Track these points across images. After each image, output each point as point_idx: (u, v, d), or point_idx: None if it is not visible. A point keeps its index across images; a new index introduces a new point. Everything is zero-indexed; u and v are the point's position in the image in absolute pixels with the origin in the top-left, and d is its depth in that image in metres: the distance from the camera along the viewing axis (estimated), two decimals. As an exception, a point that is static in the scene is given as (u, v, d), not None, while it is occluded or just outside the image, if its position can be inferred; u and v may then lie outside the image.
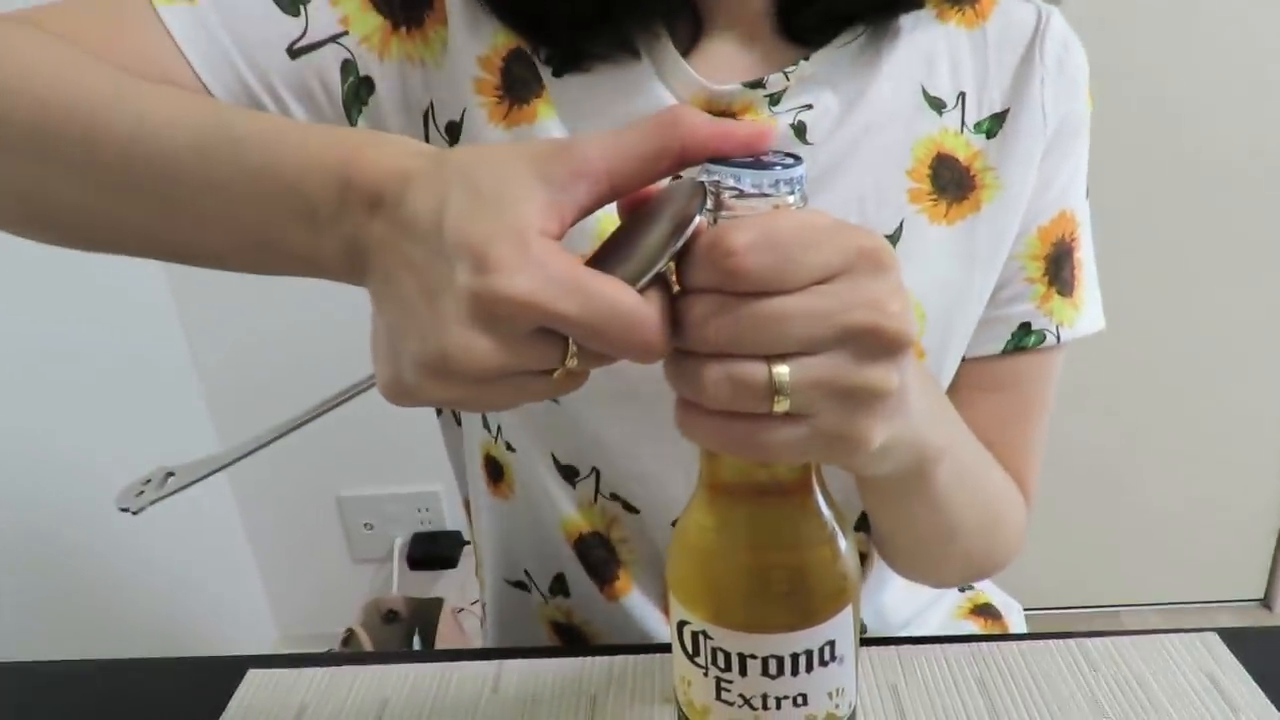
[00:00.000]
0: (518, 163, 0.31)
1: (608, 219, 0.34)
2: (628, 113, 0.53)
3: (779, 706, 0.35)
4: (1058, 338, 0.57)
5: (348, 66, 0.53)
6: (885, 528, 0.53)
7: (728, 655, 0.35)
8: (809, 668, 0.35)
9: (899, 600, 0.66)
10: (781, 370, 0.30)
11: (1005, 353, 0.57)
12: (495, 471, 0.64)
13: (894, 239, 0.53)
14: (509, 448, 0.61)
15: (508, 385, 0.31)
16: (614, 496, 0.59)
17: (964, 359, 0.58)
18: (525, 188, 0.30)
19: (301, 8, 0.51)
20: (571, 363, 0.31)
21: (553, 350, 0.30)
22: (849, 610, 0.35)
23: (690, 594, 0.36)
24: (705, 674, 0.36)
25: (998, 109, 0.55)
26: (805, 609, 0.35)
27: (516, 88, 0.53)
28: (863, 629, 0.65)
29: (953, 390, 0.58)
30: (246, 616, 1.65)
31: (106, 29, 0.48)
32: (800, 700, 0.35)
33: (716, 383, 0.30)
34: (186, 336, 1.48)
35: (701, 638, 0.35)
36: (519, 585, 0.67)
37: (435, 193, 0.31)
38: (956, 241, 0.54)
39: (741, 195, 0.31)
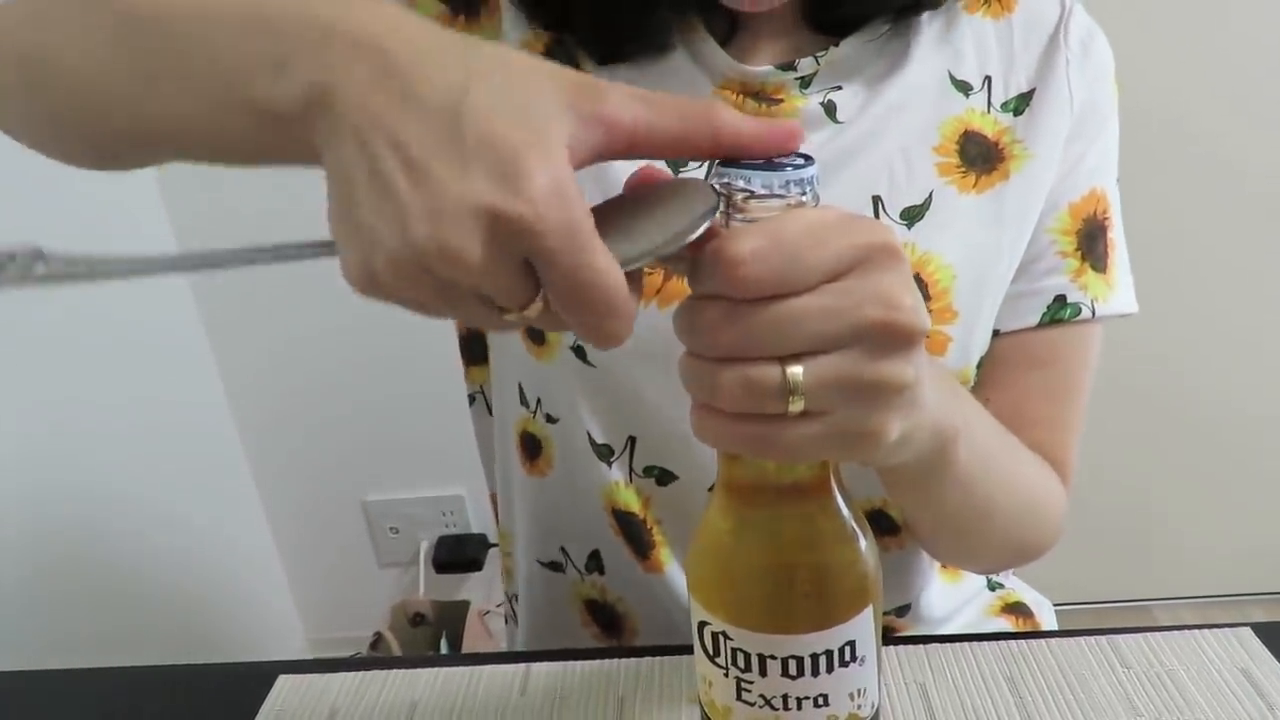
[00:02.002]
0: (548, 81, 0.30)
1: None
2: None
3: (800, 707, 0.36)
4: (1092, 312, 0.59)
5: None
6: (917, 514, 0.54)
7: (748, 656, 0.36)
8: (829, 668, 0.35)
9: (938, 597, 0.67)
10: (795, 370, 0.30)
11: (1042, 325, 0.59)
12: (533, 448, 0.65)
13: (924, 208, 0.55)
14: (549, 419, 0.62)
15: (466, 302, 0.30)
16: (648, 471, 0.60)
17: (1003, 333, 0.59)
18: (556, 108, 0.29)
19: None
20: (532, 311, 0.30)
21: (525, 287, 0.30)
22: (869, 611, 0.36)
23: (710, 595, 0.37)
24: (726, 674, 0.37)
25: (1024, 90, 0.58)
26: (825, 609, 0.35)
27: None
28: (894, 624, 0.66)
29: (992, 367, 0.60)
30: (274, 621, 1.68)
31: None
32: (821, 701, 0.36)
33: (730, 385, 0.31)
34: (205, 324, 1.51)
35: (722, 639, 0.36)
36: (552, 565, 0.68)
37: (458, 69, 0.29)
38: (985, 207, 0.56)
39: (753, 196, 0.31)
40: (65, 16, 0.40)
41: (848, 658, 0.35)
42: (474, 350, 0.71)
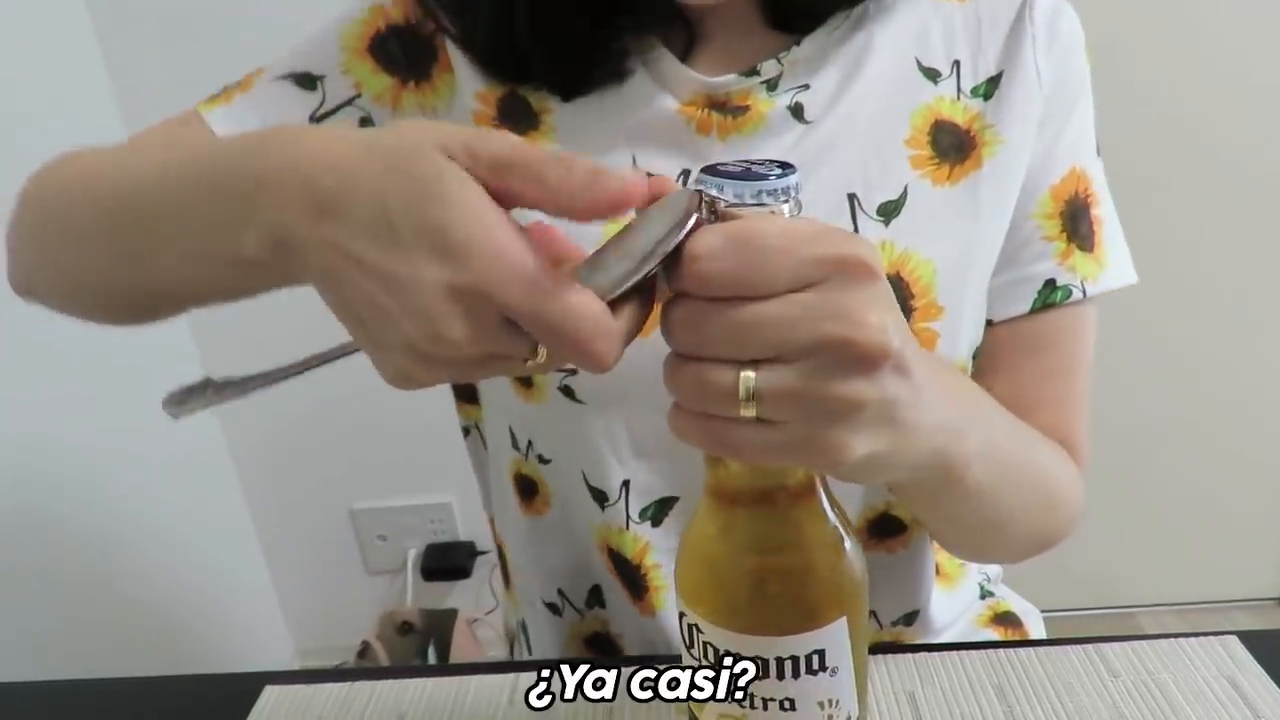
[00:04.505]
0: (435, 138, 0.33)
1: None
2: (633, 124, 0.57)
3: (765, 708, 0.37)
4: (1083, 292, 0.59)
5: (365, 123, 0.60)
6: (930, 525, 0.56)
7: (716, 651, 0.37)
8: (795, 674, 0.36)
9: (939, 605, 0.68)
10: (749, 376, 0.32)
11: (1034, 310, 0.59)
12: (528, 489, 0.66)
13: (899, 204, 0.56)
14: (542, 460, 0.63)
15: (491, 362, 0.34)
16: (644, 514, 0.61)
17: (997, 323, 0.60)
18: (449, 159, 0.32)
19: (318, 83, 0.60)
20: (540, 355, 0.33)
21: (520, 339, 0.33)
22: (843, 622, 0.37)
23: (686, 586, 0.39)
24: (699, 666, 0.38)
25: (993, 73, 0.58)
26: (791, 614, 0.36)
27: (511, 120, 0.58)
28: (902, 635, 0.66)
29: (991, 356, 0.61)
30: (262, 630, 1.69)
31: (167, 140, 0.59)
32: (788, 705, 0.37)
33: (689, 383, 0.33)
34: (191, 330, 1.52)
35: (695, 630, 0.38)
36: (550, 607, 0.69)
37: (371, 187, 0.32)
38: (960, 198, 0.57)
39: (731, 205, 0.32)
40: (79, 219, 0.48)
41: (816, 666, 0.36)
42: (463, 389, 0.72)
